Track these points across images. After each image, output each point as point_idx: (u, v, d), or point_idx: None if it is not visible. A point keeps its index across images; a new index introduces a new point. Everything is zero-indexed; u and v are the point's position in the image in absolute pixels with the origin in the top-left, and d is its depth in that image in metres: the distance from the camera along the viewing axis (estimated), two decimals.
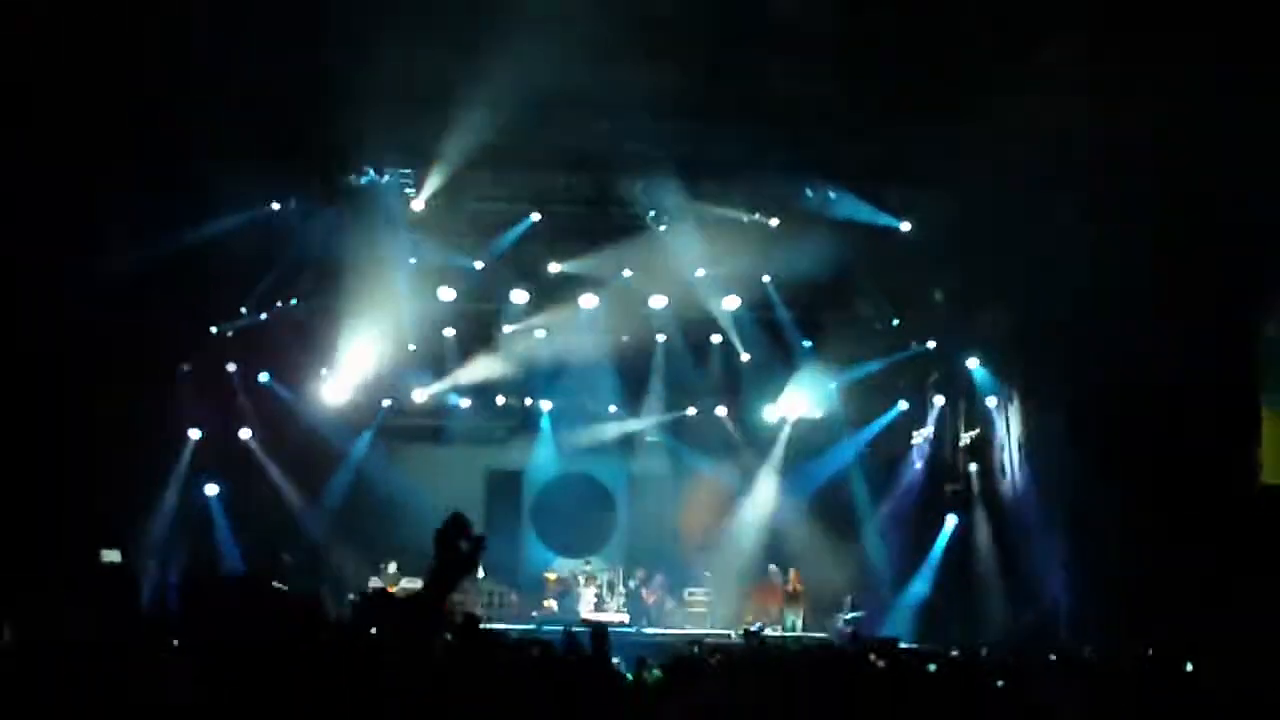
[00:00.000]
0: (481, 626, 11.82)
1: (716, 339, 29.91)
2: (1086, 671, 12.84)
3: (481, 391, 30.54)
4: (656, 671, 15.97)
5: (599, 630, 12.90)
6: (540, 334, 29.76)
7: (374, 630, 5.84)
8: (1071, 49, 19.48)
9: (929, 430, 29.22)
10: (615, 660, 16.73)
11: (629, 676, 15.52)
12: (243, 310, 27.22)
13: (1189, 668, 12.85)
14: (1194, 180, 18.96)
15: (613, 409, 31.18)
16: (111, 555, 19.81)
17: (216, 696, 4.43)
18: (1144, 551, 20.79)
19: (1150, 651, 14.48)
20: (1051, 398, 24.50)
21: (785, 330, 29.32)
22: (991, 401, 27.06)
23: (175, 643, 5.76)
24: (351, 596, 25.04)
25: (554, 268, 27.81)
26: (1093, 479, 23.02)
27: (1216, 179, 18.67)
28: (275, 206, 24.86)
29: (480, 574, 29.13)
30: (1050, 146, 20.96)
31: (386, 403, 30.44)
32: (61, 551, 19.09)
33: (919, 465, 29.36)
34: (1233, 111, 18.15)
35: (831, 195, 25.32)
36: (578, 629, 14.42)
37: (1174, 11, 18.21)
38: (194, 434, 27.05)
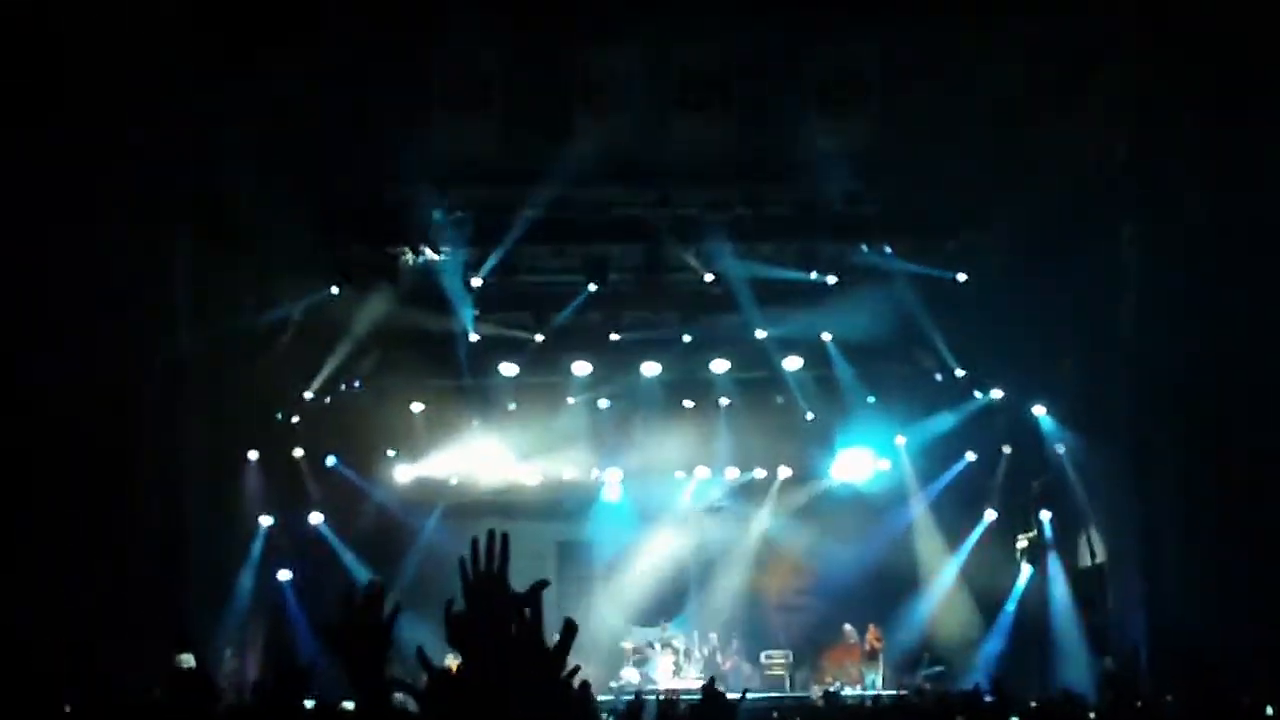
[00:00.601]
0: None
1: (780, 400, 29.88)
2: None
3: (549, 464, 30.54)
4: None
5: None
6: (604, 404, 29.80)
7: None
8: (1110, 81, 19.46)
9: (998, 478, 28.99)
10: None
11: None
12: (307, 395, 27.37)
13: (1270, 712, 12.69)
14: (1247, 200, 18.86)
15: (679, 474, 31.12)
16: (187, 659, 19.76)
17: None
18: (1219, 597, 20.54)
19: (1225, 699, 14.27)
20: (1119, 441, 24.29)
21: (847, 388, 29.25)
22: (1060, 448, 26.86)
23: None
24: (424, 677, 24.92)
25: (614, 337, 27.86)
26: (1163, 522, 22.81)
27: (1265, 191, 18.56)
28: (334, 290, 25.02)
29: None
30: (1096, 183, 20.94)
31: (454, 481, 30.50)
32: (143, 653, 19.13)
33: (991, 516, 29.12)
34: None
35: (887, 249, 25.26)
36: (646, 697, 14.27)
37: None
38: (265, 521, 27.17)
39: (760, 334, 27.61)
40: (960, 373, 28.02)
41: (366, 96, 20.29)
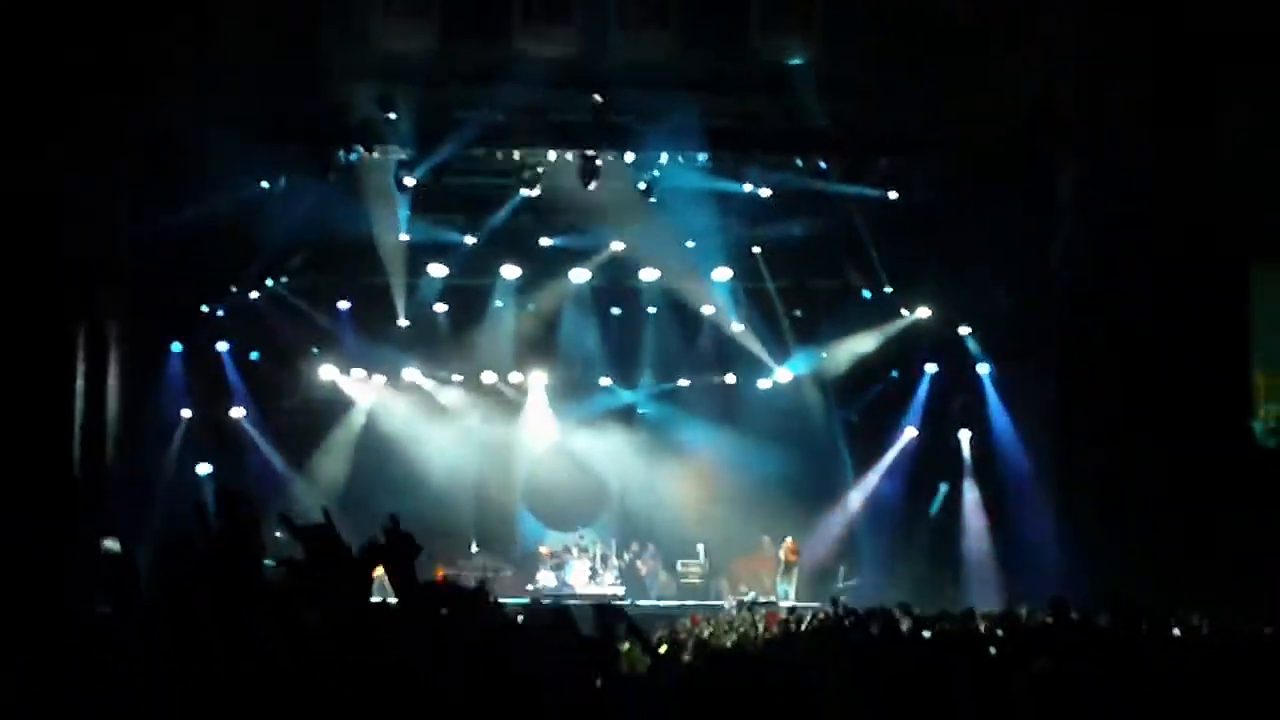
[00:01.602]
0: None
1: (708, 310, 29.95)
2: (1076, 635, 12.87)
3: (473, 367, 30.50)
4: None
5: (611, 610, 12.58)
6: (530, 308, 29.80)
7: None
8: (1054, 21, 19.53)
9: (920, 396, 29.23)
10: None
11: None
12: (233, 289, 27.22)
13: (1176, 633, 12.93)
14: (1188, 133, 19.02)
15: (605, 382, 31.18)
16: (112, 545, 19.75)
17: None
18: (1137, 516, 20.89)
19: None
20: (1043, 364, 24.58)
21: (776, 301, 29.37)
22: (984, 369, 27.15)
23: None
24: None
25: (545, 242, 27.81)
26: (1084, 443, 23.14)
27: (1208, 131, 18.72)
28: (265, 185, 24.81)
29: (474, 548, 29.30)
30: (1037, 109, 21.03)
31: (379, 380, 30.46)
32: (69, 537, 19.08)
33: (912, 433, 29.39)
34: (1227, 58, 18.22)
35: (821, 164, 25.30)
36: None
37: None
38: (185, 414, 27.07)
39: (690, 244, 27.62)
40: (888, 290, 28.16)
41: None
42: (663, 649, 15.07)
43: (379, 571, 5.15)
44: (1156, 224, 20.01)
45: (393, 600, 5.54)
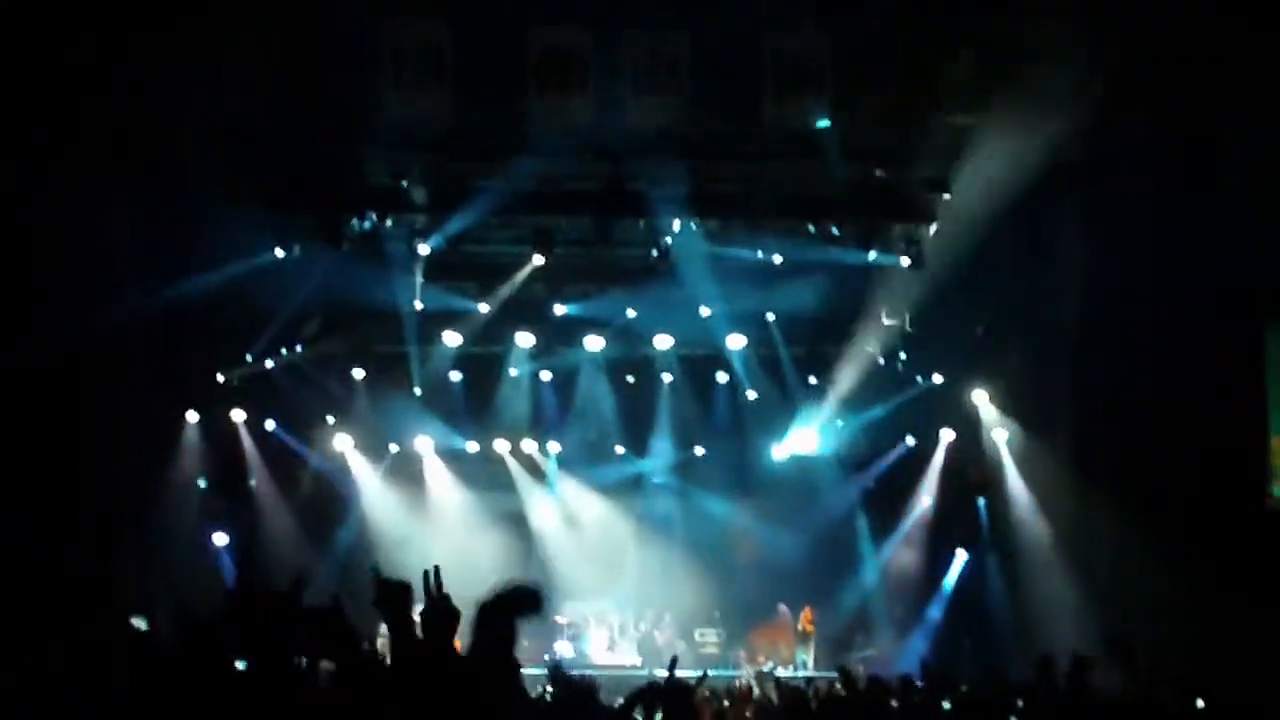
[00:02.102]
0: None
1: (723, 378, 29.95)
2: (1097, 707, 12.73)
3: (487, 435, 30.50)
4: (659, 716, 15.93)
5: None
6: (546, 376, 29.79)
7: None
8: (1057, 79, 19.55)
9: (937, 465, 29.14)
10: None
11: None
12: (248, 358, 27.23)
13: (1200, 705, 12.77)
14: (1194, 191, 18.99)
15: (620, 450, 31.14)
16: (139, 622, 19.63)
17: None
18: (1155, 583, 20.72)
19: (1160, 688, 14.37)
20: (1058, 428, 24.49)
21: (790, 368, 29.33)
22: (999, 435, 27.04)
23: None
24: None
25: (559, 310, 27.80)
26: (1099, 510, 23.02)
27: (1217, 191, 18.69)
28: (278, 253, 24.85)
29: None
30: (1044, 178, 21.05)
31: (394, 449, 30.46)
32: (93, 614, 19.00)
33: (927, 501, 29.28)
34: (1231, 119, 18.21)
35: (835, 231, 25.28)
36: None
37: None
38: (200, 483, 27.05)
39: (705, 311, 27.63)
40: (903, 356, 28.10)
41: (317, 63, 20.20)
42: None
43: None
44: (1167, 283, 19.96)
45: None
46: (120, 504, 23.54)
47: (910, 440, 29.57)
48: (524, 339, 28.58)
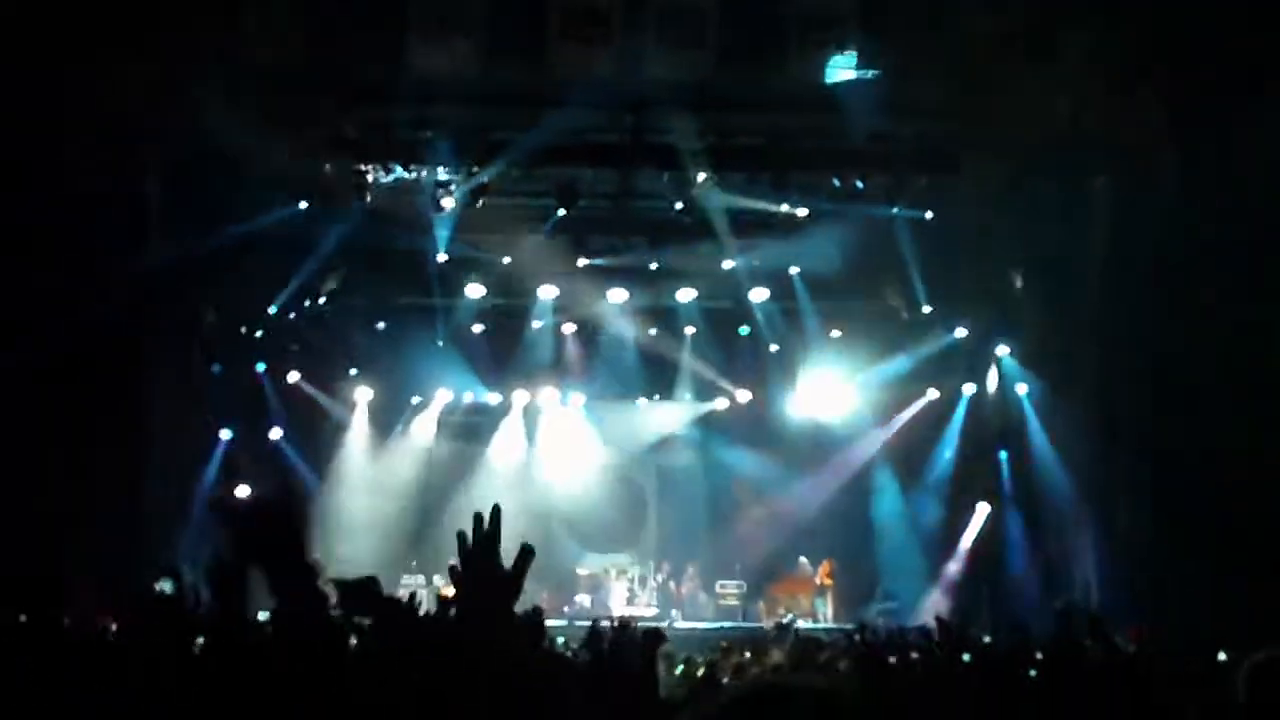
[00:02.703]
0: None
1: (745, 331, 29.99)
2: (1118, 661, 12.77)
3: (510, 388, 30.58)
4: (684, 664, 16.06)
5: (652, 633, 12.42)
6: (569, 329, 29.82)
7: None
8: (1082, 38, 19.45)
9: (958, 416, 29.14)
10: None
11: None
12: (271, 310, 27.27)
13: (1221, 658, 12.78)
14: (1224, 155, 18.89)
15: (642, 403, 31.21)
16: (165, 585, 19.76)
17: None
18: (1180, 535, 20.73)
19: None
20: (1082, 384, 24.47)
21: (813, 321, 29.33)
22: (1022, 389, 27.02)
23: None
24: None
25: (582, 262, 27.78)
26: (1122, 467, 23.01)
27: (1245, 152, 18.59)
28: (302, 205, 24.85)
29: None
30: (1067, 135, 20.96)
31: (415, 400, 30.56)
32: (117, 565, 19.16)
33: (949, 455, 29.30)
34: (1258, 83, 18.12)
35: (859, 184, 25.21)
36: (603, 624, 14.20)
37: None
38: (225, 435, 27.15)
39: (728, 264, 27.64)
40: (926, 310, 28.07)
41: (339, 16, 20.20)
42: (700, 673, 15.07)
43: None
44: (1190, 239, 19.89)
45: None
46: (146, 456, 23.66)
47: (933, 393, 29.54)
48: (547, 291, 28.58)
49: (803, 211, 25.83)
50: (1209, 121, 18.97)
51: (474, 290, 28.18)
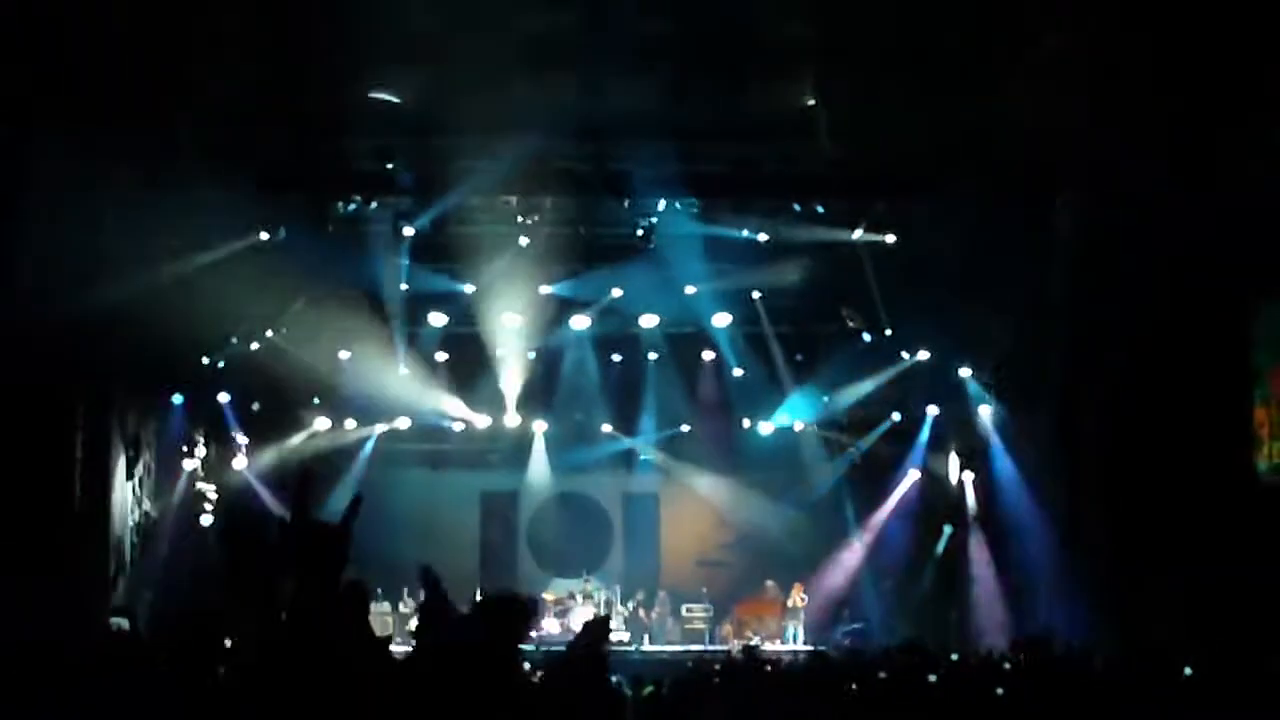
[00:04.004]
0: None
1: (709, 356, 30.05)
2: (1084, 678, 12.86)
3: (474, 415, 30.55)
4: (649, 687, 16.08)
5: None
6: (531, 355, 29.83)
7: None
8: (1058, 47, 19.57)
9: (922, 439, 29.25)
10: (615, 679, 16.78)
11: (628, 694, 15.59)
12: (233, 340, 27.21)
13: (1187, 672, 12.87)
14: (1185, 167, 19.02)
15: (606, 428, 31.23)
16: (120, 622, 19.71)
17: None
18: (1140, 554, 20.86)
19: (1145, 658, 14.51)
20: (1045, 405, 24.60)
21: (776, 345, 29.40)
22: (985, 411, 27.15)
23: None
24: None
25: (544, 290, 27.80)
26: (1086, 482, 23.15)
27: (1209, 171, 18.73)
28: (264, 235, 24.84)
29: (479, 596, 29.19)
30: (1035, 147, 21.08)
31: (381, 428, 30.51)
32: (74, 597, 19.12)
33: (914, 476, 29.40)
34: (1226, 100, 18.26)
35: (819, 209, 25.34)
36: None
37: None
38: (189, 465, 27.07)
39: (690, 290, 27.70)
40: (889, 333, 28.17)
41: (299, 50, 20.21)
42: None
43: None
44: (1157, 259, 20.03)
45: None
46: (109, 482, 23.61)
47: (896, 415, 29.64)
48: (510, 319, 28.58)
49: (764, 237, 25.93)
50: (1177, 138, 19.10)
51: (436, 319, 28.17)
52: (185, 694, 4.47)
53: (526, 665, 15.42)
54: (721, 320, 28.59)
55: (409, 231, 25.17)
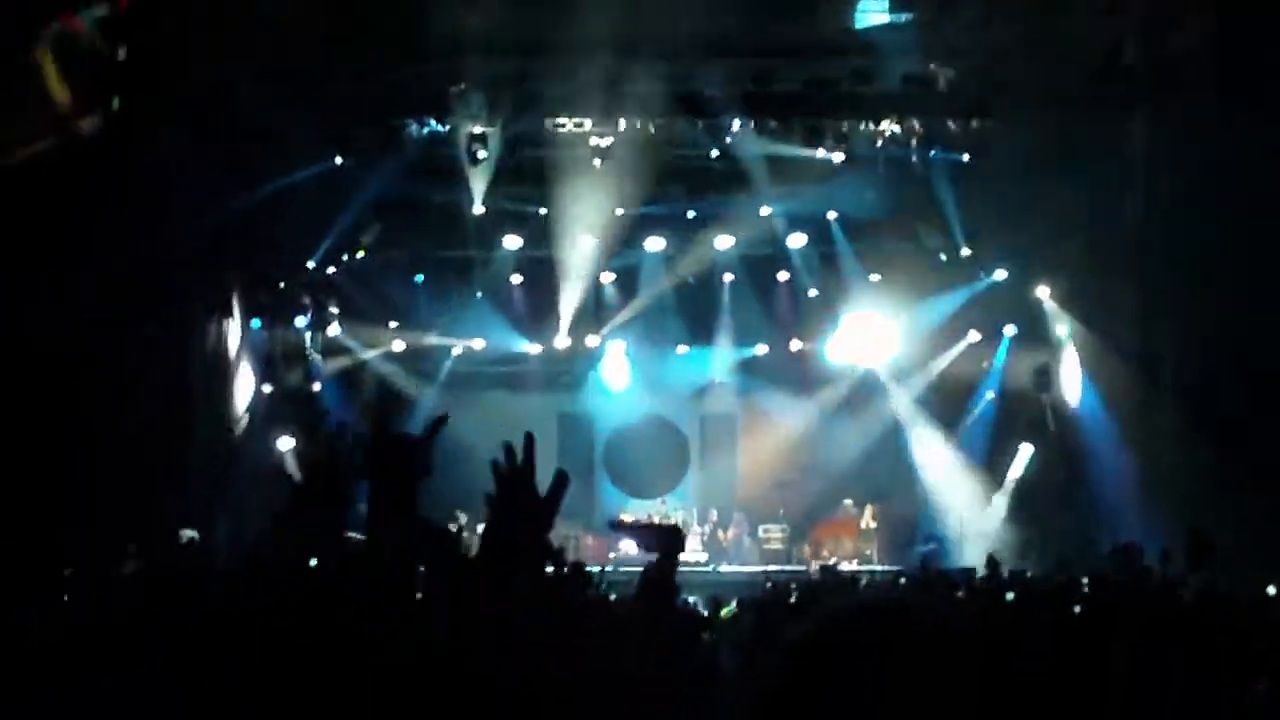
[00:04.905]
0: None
1: (784, 276, 29.97)
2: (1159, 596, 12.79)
3: (550, 337, 30.60)
4: (731, 607, 16.16)
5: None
6: (608, 278, 29.84)
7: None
8: None
9: (999, 359, 29.08)
10: (692, 599, 16.90)
11: (705, 614, 15.68)
12: (310, 264, 27.36)
13: (1271, 592, 12.80)
14: (1267, 90, 18.73)
15: (683, 349, 31.22)
16: (186, 534, 19.93)
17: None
18: (1222, 478, 20.69)
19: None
20: (1122, 325, 24.39)
21: (852, 265, 29.31)
22: (1062, 330, 26.95)
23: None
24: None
25: (619, 211, 27.78)
26: (1167, 403, 22.96)
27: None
28: (338, 161, 24.92)
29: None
30: (1105, 74, 20.83)
31: (456, 350, 30.62)
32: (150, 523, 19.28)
33: (990, 396, 29.26)
34: None
35: (895, 129, 25.17)
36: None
37: None
38: (266, 388, 27.29)
39: (765, 211, 27.62)
40: (965, 253, 27.98)
41: None
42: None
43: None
44: (1231, 178, 19.75)
45: None
46: (191, 410, 23.80)
47: (973, 335, 29.44)
48: (585, 241, 28.59)
49: (839, 157, 25.79)
50: (1251, 55, 18.81)
51: (511, 241, 28.24)
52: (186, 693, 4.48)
53: (603, 586, 15.58)
54: (797, 241, 28.49)
55: (482, 154, 25.18)
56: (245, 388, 26.57)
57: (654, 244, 28.72)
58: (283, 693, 3.99)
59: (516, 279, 29.71)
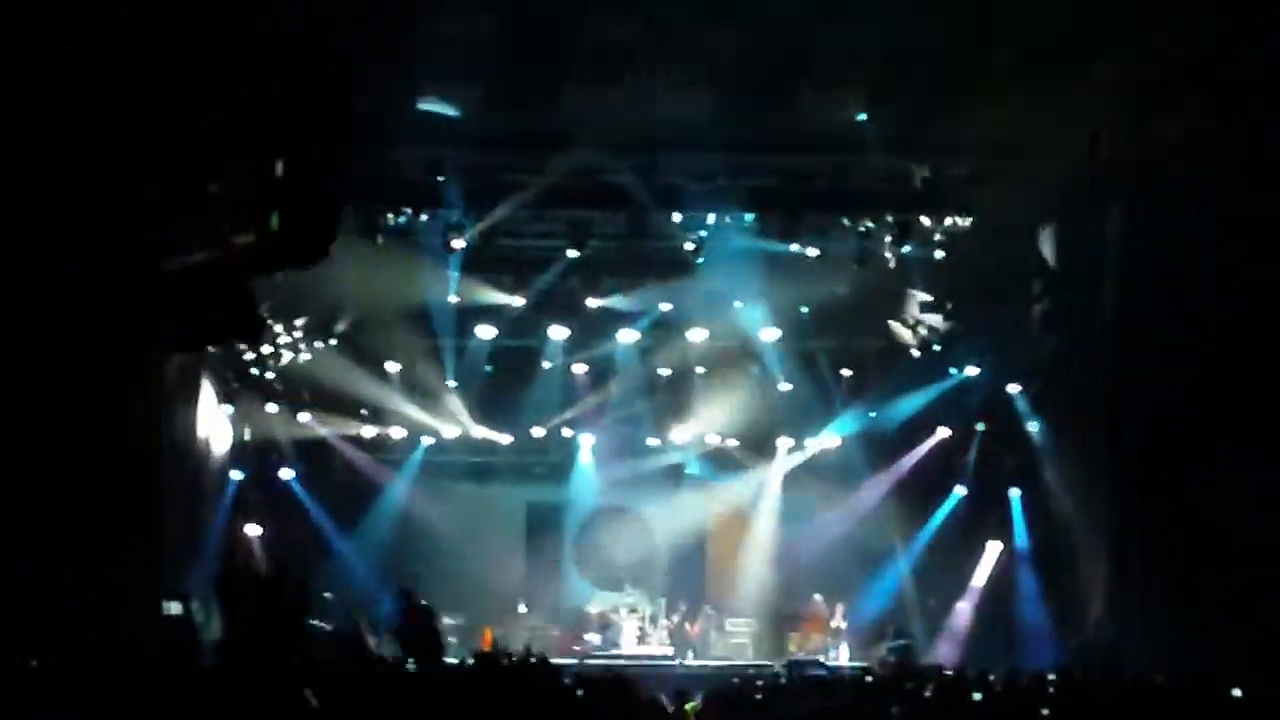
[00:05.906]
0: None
1: (755, 369, 30.01)
2: (1130, 697, 12.76)
3: (522, 428, 30.56)
4: (696, 702, 16.07)
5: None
6: (580, 369, 29.84)
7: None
8: (1103, 70, 19.50)
9: (970, 457, 29.09)
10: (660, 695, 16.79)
11: (670, 709, 15.59)
12: (282, 351, 27.30)
13: (1236, 693, 12.77)
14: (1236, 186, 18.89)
15: (653, 442, 31.19)
16: (173, 607, 19.84)
17: None
18: (1192, 576, 20.69)
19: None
20: (1094, 424, 24.44)
21: (824, 360, 29.39)
22: (1033, 427, 26.99)
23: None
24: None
25: (592, 303, 27.84)
26: (1137, 500, 22.97)
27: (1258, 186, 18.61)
28: None
29: (523, 609, 29.28)
30: (1083, 161, 20.99)
31: (427, 441, 30.54)
32: (127, 597, 19.10)
33: (960, 493, 29.23)
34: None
35: (870, 224, 25.28)
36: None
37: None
38: (235, 475, 27.18)
39: (738, 304, 27.69)
40: (937, 349, 28.07)
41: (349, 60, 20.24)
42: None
43: None
44: (1210, 272, 19.88)
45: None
46: (160, 496, 23.66)
47: (944, 431, 29.46)
48: (558, 332, 28.62)
49: (813, 252, 25.87)
50: (1230, 147, 18.98)
51: (484, 331, 28.24)
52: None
53: (568, 680, 15.50)
54: (769, 335, 28.55)
55: (458, 244, 25.23)
56: (215, 472, 26.48)
57: (626, 335, 28.74)
58: None
59: (489, 369, 29.69)
